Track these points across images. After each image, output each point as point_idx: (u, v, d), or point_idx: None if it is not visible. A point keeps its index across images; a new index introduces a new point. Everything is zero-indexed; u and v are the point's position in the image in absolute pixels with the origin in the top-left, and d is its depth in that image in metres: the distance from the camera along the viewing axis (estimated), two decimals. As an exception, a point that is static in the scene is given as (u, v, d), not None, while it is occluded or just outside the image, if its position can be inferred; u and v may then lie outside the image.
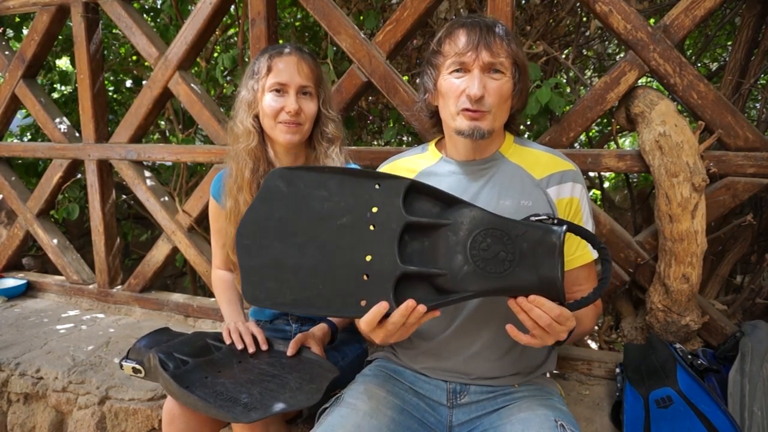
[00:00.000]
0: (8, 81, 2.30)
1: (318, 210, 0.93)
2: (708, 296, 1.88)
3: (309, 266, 0.93)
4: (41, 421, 1.73)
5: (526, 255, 0.88)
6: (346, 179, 0.94)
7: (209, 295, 2.73)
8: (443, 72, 1.10)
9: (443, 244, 0.91)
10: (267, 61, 1.30)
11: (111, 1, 2.02)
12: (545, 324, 0.88)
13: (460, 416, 1.13)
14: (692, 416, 1.15)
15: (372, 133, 3.02)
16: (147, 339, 1.31)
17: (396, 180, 0.94)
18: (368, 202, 0.93)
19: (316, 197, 0.94)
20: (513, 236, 0.88)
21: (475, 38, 1.05)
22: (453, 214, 0.92)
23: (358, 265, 0.91)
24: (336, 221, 0.93)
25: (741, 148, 1.38)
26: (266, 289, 0.94)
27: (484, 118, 1.07)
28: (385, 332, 0.90)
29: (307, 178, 0.95)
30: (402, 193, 0.92)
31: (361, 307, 0.90)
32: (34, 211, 2.36)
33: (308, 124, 1.34)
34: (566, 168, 1.15)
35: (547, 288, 0.87)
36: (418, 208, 0.94)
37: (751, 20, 1.82)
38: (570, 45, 2.59)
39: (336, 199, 0.93)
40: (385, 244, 0.90)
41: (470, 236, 0.89)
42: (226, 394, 1.08)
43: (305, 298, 0.92)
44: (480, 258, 0.89)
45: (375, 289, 0.90)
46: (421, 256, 0.92)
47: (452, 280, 0.90)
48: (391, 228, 0.91)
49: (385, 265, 0.90)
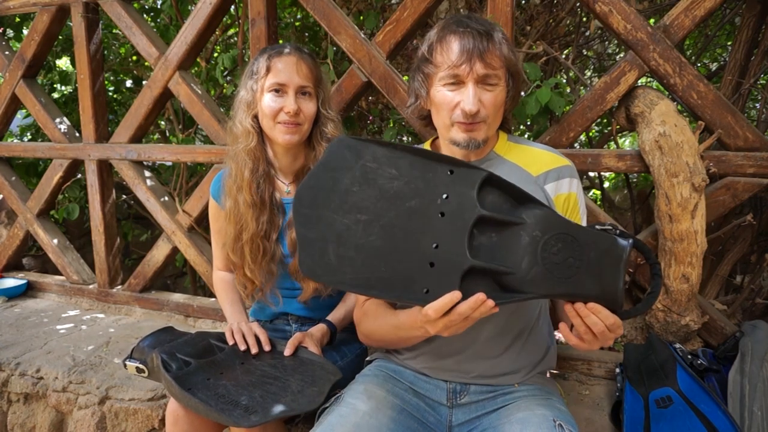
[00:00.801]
0: (8, 81, 2.30)
1: (386, 188, 0.89)
2: (708, 296, 1.88)
3: (373, 246, 0.89)
4: (41, 421, 1.73)
5: (592, 263, 0.87)
6: (417, 160, 0.90)
7: (209, 295, 2.73)
8: (435, 83, 1.09)
9: (514, 242, 0.89)
10: (266, 61, 1.30)
11: (111, 1, 2.02)
12: (599, 331, 0.88)
13: (460, 416, 1.13)
14: (692, 416, 1.15)
15: (372, 133, 3.02)
16: (151, 338, 1.31)
17: (471, 170, 0.90)
18: (439, 187, 0.89)
19: (385, 174, 0.90)
20: (582, 243, 0.87)
21: (468, 47, 1.03)
22: (525, 213, 0.90)
23: (424, 251, 0.88)
24: (405, 203, 0.89)
25: (741, 148, 1.38)
26: (325, 264, 0.90)
27: (479, 129, 1.07)
28: (446, 322, 0.88)
29: (378, 152, 0.90)
30: (478, 184, 0.89)
31: (424, 294, 0.88)
32: (34, 211, 2.36)
33: (307, 124, 1.34)
34: (562, 164, 1.15)
35: (608, 298, 0.87)
36: (490, 201, 0.91)
37: (750, 20, 1.82)
38: (570, 45, 2.59)
39: (406, 180, 0.89)
40: (454, 234, 0.88)
41: (542, 239, 0.87)
42: (227, 397, 1.07)
43: (366, 278, 0.89)
44: (550, 261, 0.87)
45: (440, 278, 0.88)
46: (488, 250, 0.89)
47: (519, 281, 0.88)
48: (462, 218, 0.88)
49: (453, 255, 0.87)
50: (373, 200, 0.90)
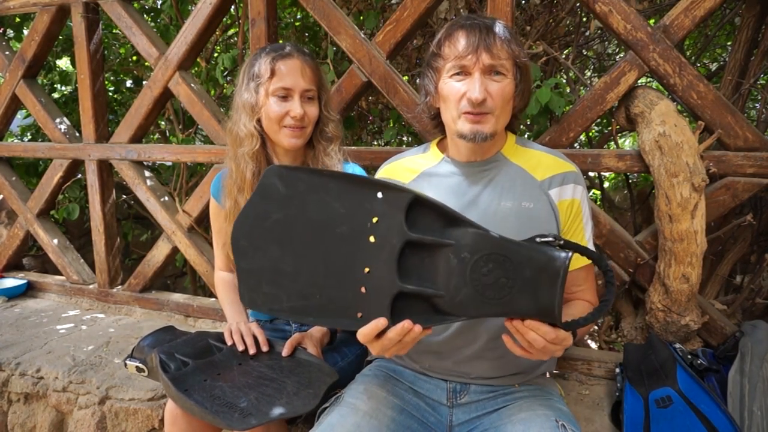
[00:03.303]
0: (8, 81, 2.30)
1: (317, 215, 0.90)
2: (708, 296, 1.88)
3: (307, 274, 0.90)
4: (41, 421, 1.73)
5: (527, 281, 0.85)
6: (347, 186, 0.90)
7: (209, 295, 2.74)
8: (443, 75, 1.10)
9: (443, 263, 0.88)
10: (270, 64, 1.29)
11: (111, 1, 2.02)
12: (540, 347, 0.88)
13: (460, 416, 1.13)
14: (692, 416, 1.15)
15: (372, 133, 3.02)
16: (151, 338, 1.31)
17: (399, 192, 0.89)
18: (370, 211, 0.89)
19: (315, 201, 0.90)
20: (516, 263, 0.85)
21: (474, 40, 1.04)
22: (456, 233, 0.89)
23: (356, 276, 0.89)
24: (335, 229, 0.90)
25: (741, 148, 1.38)
26: (263, 294, 0.92)
27: (487, 121, 1.07)
28: (381, 346, 0.89)
29: (308, 180, 0.91)
30: (405, 207, 0.88)
31: (358, 318, 0.89)
32: (34, 211, 2.36)
33: (311, 126, 1.34)
34: (568, 169, 1.15)
35: (545, 315, 0.86)
36: (421, 222, 0.90)
37: (750, 20, 1.82)
38: (570, 45, 2.59)
39: (336, 206, 0.90)
40: (384, 258, 0.88)
41: (471, 260, 0.86)
42: (223, 398, 1.07)
43: (302, 306, 0.91)
44: (480, 283, 0.86)
45: (372, 303, 0.88)
46: (419, 271, 0.90)
47: (449, 303, 0.88)
48: (391, 243, 0.88)
49: (384, 280, 0.88)
50: (305, 228, 0.91)
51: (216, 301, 2.08)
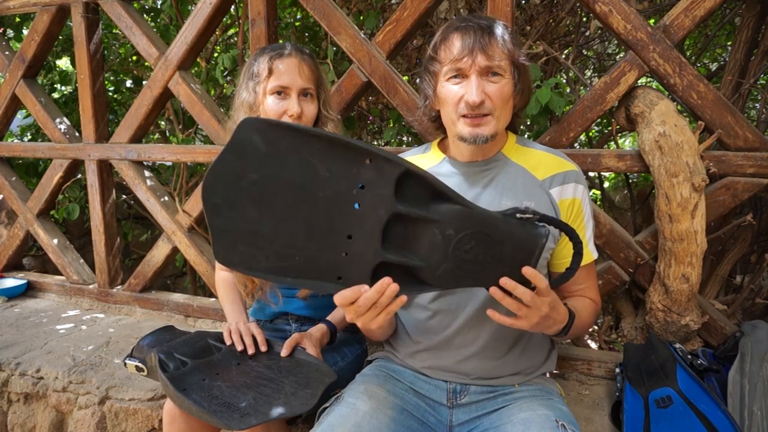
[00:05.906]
0: (8, 81, 2.30)
1: (298, 177, 0.85)
2: (708, 296, 1.88)
3: (286, 236, 0.87)
4: (41, 421, 1.73)
5: (505, 257, 0.88)
6: (333, 147, 0.85)
7: (209, 295, 2.74)
8: (441, 79, 1.10)
9: (427, 237, 0.89)
10: (267, 63, 1.30)
11: (111, 1, 2.02)
12: (528, 299, 0.89)
13: (460, 416, 1.13)
14: (692, 416, 1.15)
15: (372, 133, 3.02)
16: (151, 337, 1.31)
17: (389, 163, 0.85)
18: (356, 177, 0.85)
19: (296, 162, 0.85)
20: (496, 240, 0.88)
21: (469, 42, 1.04)
22: (442, 209, 0.89)
23: (338, 242, 0.87)
24: (318, 192, 0.86)
25: (741, 148, 1.38)
26: (239, 253, 0.88)
27: (486, 123, 1.07)
28: (355, 310, 0.88)
29: (291, 139, 0.84)
30: (394, 180, 0.86)
31: (337, 281, 0.88)
32: (34, 211, 2.36)
33: (309, 125, 1.34)
34: (569, 169, 1.15)
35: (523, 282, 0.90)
36: (409, 194, 0.88)
37: (750, 20, 1.82)
38: (570, 45, 2.59)
39: (320, 168, 0.85)
40: (368, 228, 0.87)
41: (455, 238, 0.87)
42: (221, 398, 1.07)
43: (280, 267, 0.88)
44: (461, 259, 0.88)
45: (353, 269, 0.88)
46: (402, 241, 0.89)
47: (430, 275, 0.90)
48: (377, 213, 0.86)
49: (366, 248, 0.87)
50: (286, 189, 0.86)
51: (216, 301, 2.08)
